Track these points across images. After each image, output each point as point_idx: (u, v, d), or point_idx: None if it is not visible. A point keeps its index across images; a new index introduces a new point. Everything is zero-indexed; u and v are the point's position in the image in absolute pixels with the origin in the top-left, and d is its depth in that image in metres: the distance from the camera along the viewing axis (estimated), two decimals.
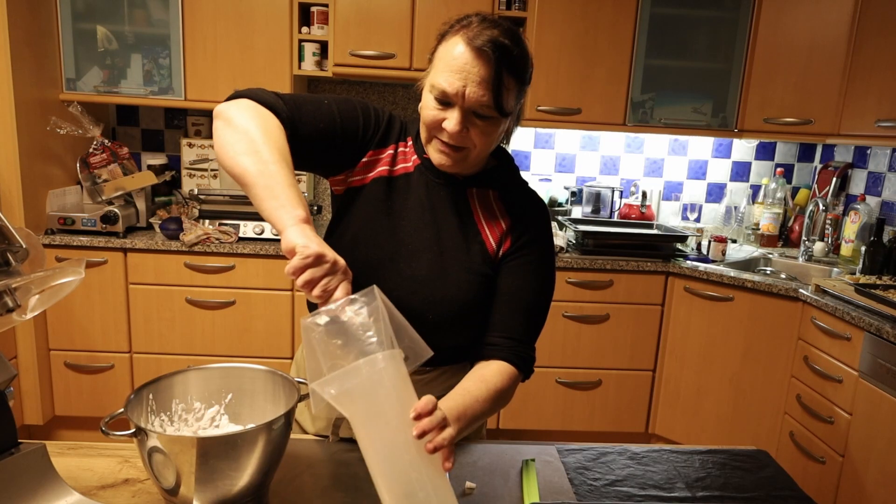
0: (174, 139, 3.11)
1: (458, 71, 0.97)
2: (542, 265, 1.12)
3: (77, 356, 2.67)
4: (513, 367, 1.06)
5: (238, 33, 2.68)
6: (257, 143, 0.91)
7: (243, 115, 0.95)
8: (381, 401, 0.78)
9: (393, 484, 0.77)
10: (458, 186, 1.12)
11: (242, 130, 0.93)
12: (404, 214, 1.10)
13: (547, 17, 2.74)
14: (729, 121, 2.87)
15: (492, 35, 0.97)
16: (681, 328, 2.73)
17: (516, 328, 1.09)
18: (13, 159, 2.43)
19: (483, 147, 1.04)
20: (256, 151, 0.90)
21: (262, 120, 0.96)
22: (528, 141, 3.24)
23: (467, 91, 0.97)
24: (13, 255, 0.85)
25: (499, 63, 0.96)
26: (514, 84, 1.00)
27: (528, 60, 1.02)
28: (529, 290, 1.10)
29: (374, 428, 0.78)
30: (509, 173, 1.17)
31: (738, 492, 1.10)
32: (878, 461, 2.01)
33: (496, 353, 1.07)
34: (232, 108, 0.97)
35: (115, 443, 1.09)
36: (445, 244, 1.10)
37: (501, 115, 1.00)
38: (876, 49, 2.50)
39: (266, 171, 0.89)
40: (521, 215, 1.13)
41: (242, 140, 0.92)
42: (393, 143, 1.13)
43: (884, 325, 2.00)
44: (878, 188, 2.89)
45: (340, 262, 0.84)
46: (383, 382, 0.77)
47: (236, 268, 2.62)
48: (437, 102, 1.01)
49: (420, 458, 0.77)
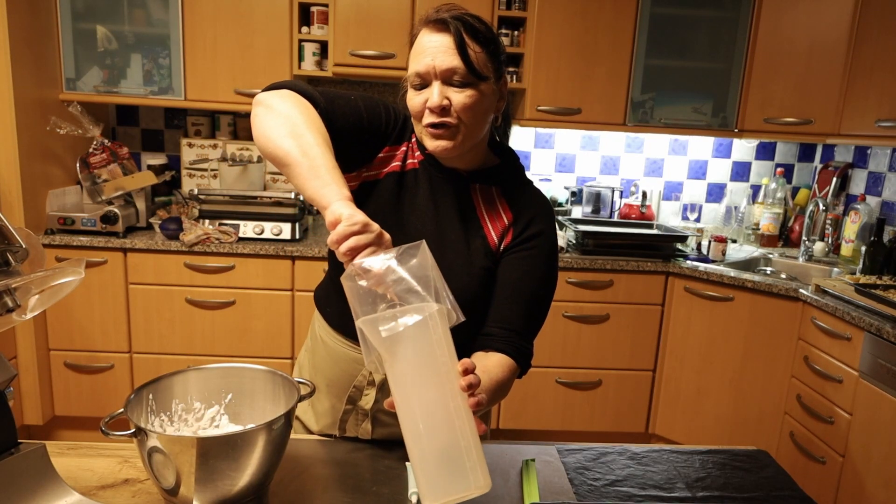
0: (174, 139, 3.11)
1: (423, 52, 1.02)
2: (543, 260, 1.12)
3: (77, 356, 2.67)
4: (511, 359, 1.06)
5: (238, 33, 2.68)
6: (300, 127, 0.94)
7: (285, 103, 0.98)
8: (433, 346, 0.77)
9: (437, 431, 0.76)
10: (461, 182, 1.14)
11: (285, 115, 0.96)
12: (412, 209, 1.12)
13: (547, 17, 2.74)
14: (729, 121, 2.87)
15: (449, 10, 1.03)
16: (681, 328, 2.73)
17: (515, 320, 1.08)
18: (13, 159, 2.43)
19: (471, 121, 1.04)
20: (300, 135, 0.93)
21: (304, 107, 0.99)
22: (528, 141, 3.24)
23: (436, 62, 1.01)
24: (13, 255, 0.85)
25: (457, 28, 1.01)
26: (481, 48, 1.03)
27: (490, 29, 1.06)
28: (530, 282, 1.10)
29: (424, 372, 0.77)
30: (513, 170, 1.18)
31: (738, 492, 1.10)
32: (878, 461, 2.01)
33: (494, 343, 1.06)
34: (273, 97, 0.99)
35: (115, 443, 1.09)
36: (447, 238, 1.11)
37: (476, 78, 1.02)
38: (876, 49, 2.50)
39: (310, 153, 0.91)
40: (523, 210, 1.13)
41: (285, 124, 0.94)
42: (406, 140, 1.16)
43: (884, 325, 2.00)
44: (878, 188, 2.89)
45: (386, 236, 0.84)
46: (437, 329, 0.77)
47: (236, 268, 2.62)
48: (416, 89, 1.05)
49: (464, 409, 0.77)
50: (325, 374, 1.24)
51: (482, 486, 0.76)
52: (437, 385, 0.77)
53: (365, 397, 1.18)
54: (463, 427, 0.76)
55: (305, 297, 2.66)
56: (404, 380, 0.78)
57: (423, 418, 0.77)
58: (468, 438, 0.76)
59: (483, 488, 0.76)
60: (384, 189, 1.12)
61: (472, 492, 0.75)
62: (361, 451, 1.17)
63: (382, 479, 1.07)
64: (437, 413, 0.77)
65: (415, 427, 0.77)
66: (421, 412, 0.77)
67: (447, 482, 0.75)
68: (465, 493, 0.75)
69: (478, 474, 0.76)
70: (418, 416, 0.77)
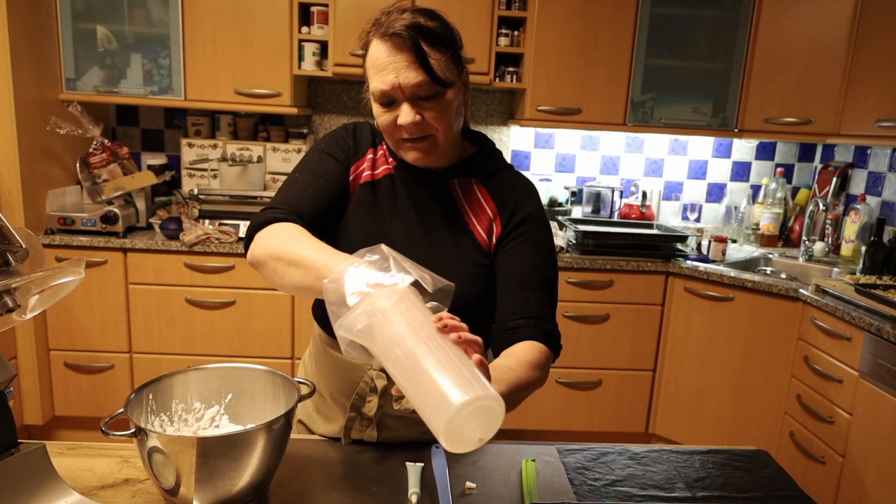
0: (174, 139, 3.11)
1: (384, 68, 0.99)
2: (541, 241, 1.11)
3: (77, 356, 2.67)
4: (542, 344, 1.03)
5: (238, 33, 2.68)
6: (289, 256, 0.93)
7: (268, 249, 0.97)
8: (404, 317, 0.75)
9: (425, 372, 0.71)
10: (438, 180, 1.13)
11: (274, 261, 0.95)
12: (393, 216, 1.12)
13: (547, 17, 2.74)
14: (729, 121, 2.87)
15: (402, 20, 0.99)
16: (681, 328, 2.73)
17: (534, 307, 1.06)
18: (13, 159, 2.44)
19: (446, 128, 1.04)
20: (294, 262, 0.91)
21: (280, 239, 0.97)
22: (528, 141, 3.24)
23: (401, 80, 0.98)
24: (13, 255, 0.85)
25: (415, 40, 0.97)
26: (442, 53, 1.00)
27: (447, 27, 1.03)
28: (536, 267, 1.09)
29: (406, 339, 0.73)
30: (489, 157, 1.16)
31: (738, 492, 1.10)
32: (878, 461, 2.01)
33: (519, 335, 1.03)
34: (256, 252, 0.99)
35: (115, 443, 1.09)
36: (435, 241, 1.10)
37: (444, 87, 1.00)
38: (876, 49, 2.50)
39: (305, 259, 0.90)
40: (505, 197, 1.12)
41: (280, 266, 0.94)
42: (370, 147, 1.15)
43: (884, 325, 2.00)
44: (878, 188, 2.89)
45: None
46: (402, 302, 0.76)
47: (236, 268, 2.62)
48: (383, 107, 1.03)
49: (450, 347, 0.73)
50: (328, 382, 1.23)
51: (494, 396, 0.70)
52: (420, 341, 0.73)
53: (368, 404, 1.17)
54: (448, 355, 0.72)
55: (305, 297, 2.66)
56: (391, 352, 0.75)
57: (410, 368, 0.72)
58: (463, 360, 0.73)
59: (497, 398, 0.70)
60: (359, 201, 1.12)
61: (486, 401, 0.69)
62: (362, 452, 1.17)
63: (383, 480, 1.07)
64: (424, 359, 0.72)
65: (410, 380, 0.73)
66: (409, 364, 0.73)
67: (456, 394, 0.68)
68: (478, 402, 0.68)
69: (484, 384, 0.70)
70: (409, 371, 0.73)
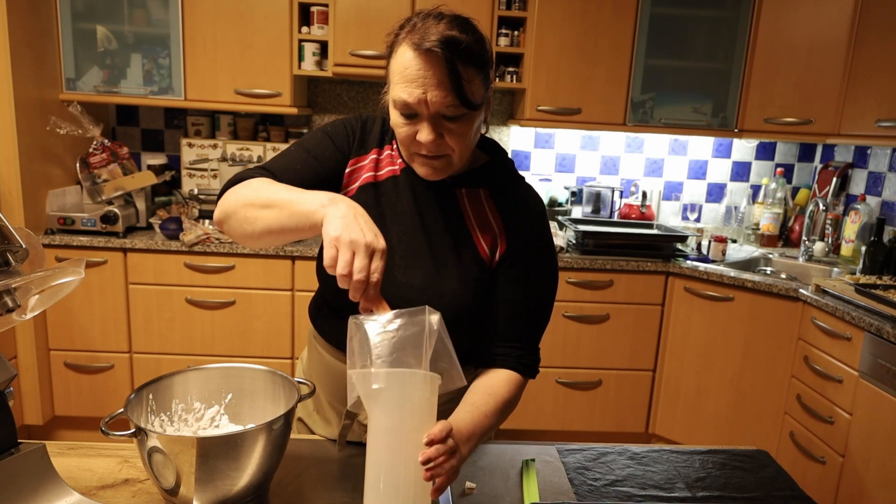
0: (174, 139, 3.11)
1: (413, 80, 0.93)
2: (540, 268, 1.10)
3: (77, 356, 2.67)
4: (518, 375, 1.08)
5: (238, 33, 2.68)
6: (262, 200, 0.94)
7: (238, 198, 0.97)
8: (404, 414, 0.82)
9: (382, 494, 0.81)
10: (446, 188, 1.09)
11: (244, 207, 0.96)
12: (395, 219, 1.09)
13: (547, 17, 2.74)
14: (729, 121, 2.87)
15: (438, 32, 0.93)
16: (681, 328, 2.73)
17: (521, 335, 1.09)
18: (13, 159, 2.43)
19: (463, 149, 1.00)
20: (267, 205, 0.93)
21: (252, 188, 0.98)
22: (528, 141, 3.23)
23: (429, 97, 0.93)
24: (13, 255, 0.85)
25: (451, 60, 0.92)
26: (475, 73, 0.96)
27: (483, 44, 0.98)
28: (532, 296, 1.09)
29: (388, 436, 0.82)
30: (502, 168, 1.13)
31: (738, 492, 1.10)
32: (878, 461, 2.01)
33: (503, 362, 1.08)
34: (225, 204, 0.99)
35: (115, 443, 1.09)
36: (437, 250, 1.08)
37: (471, 109, 0.96)
38: (876, 49, 2.50)
39: (279, 199, 0.91)
40: (513, 214, 1.10)
41: (251, 211, 0.95)
42: (375, 147, 1.12)
43: (884, 325, 2.00)
44: (878, 188, 2.89)
45: (380, 244, 0.84)
46: (413, 398, 0.81)
47: (236, 268, 2.62)
48: (403, 118, 0.98)
49: (414, 481, 0.81)
50: (324, 386, 1.22)
51: None
52: (395, 451, 0.82)
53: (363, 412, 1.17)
54: (408, 497, 0.81)
55: (305, 297, 2.66)
56: (371, 435, 0.83)
57: (372, 476, 0.82)
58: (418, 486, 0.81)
59: None
60: (361, 202, 1.07)
61: None
62: (362, 452, 1.16)
63: None
64: (388, 479, 0.82)
65: (367, 478, 0.83)
66: (372, 472, 0.82)
67: None
68: None
69: None
70: (370, 473, 0.82)
